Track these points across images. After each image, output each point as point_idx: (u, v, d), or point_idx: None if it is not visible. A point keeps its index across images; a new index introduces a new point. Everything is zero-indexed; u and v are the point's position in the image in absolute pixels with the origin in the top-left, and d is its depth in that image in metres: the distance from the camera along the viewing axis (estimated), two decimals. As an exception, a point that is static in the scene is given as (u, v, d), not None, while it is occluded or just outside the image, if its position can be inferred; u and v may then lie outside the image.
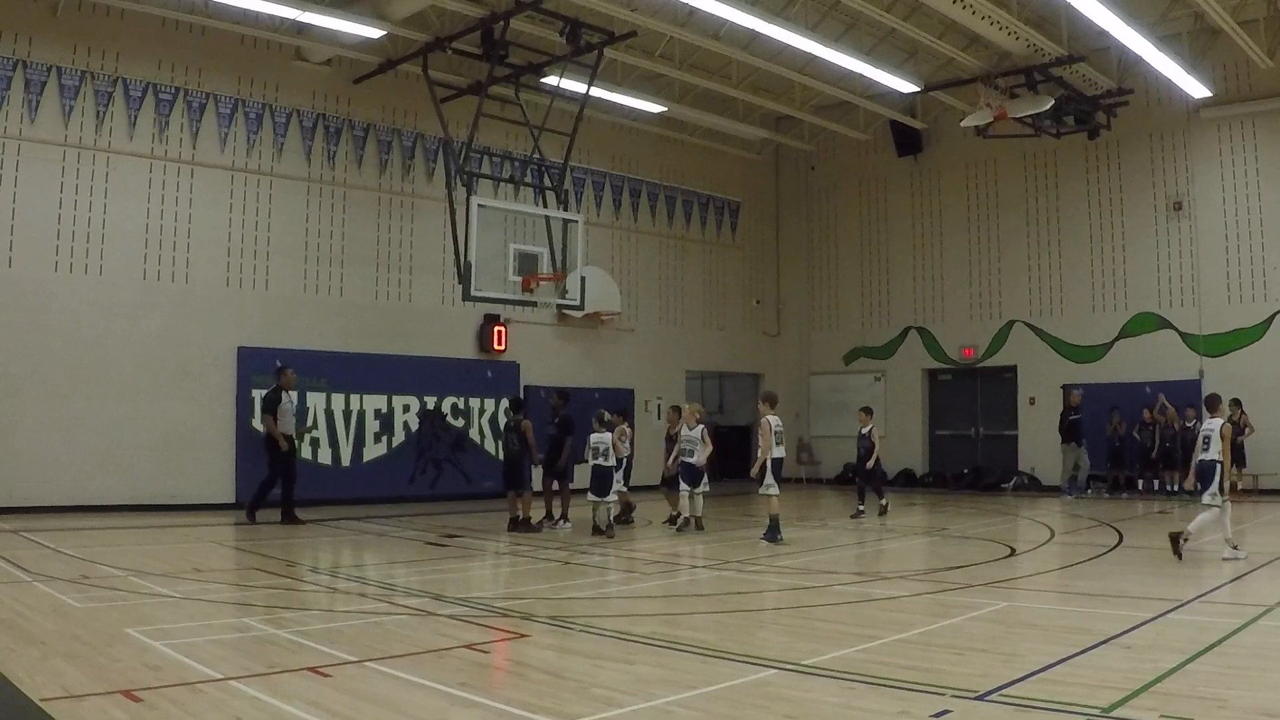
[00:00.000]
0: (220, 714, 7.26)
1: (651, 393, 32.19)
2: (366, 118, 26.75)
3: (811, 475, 35.30)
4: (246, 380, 24.11)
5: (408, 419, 26.90)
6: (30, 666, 8.50)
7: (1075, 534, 19.86)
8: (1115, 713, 7.19)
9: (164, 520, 20.91)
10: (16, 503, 21.16)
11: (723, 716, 7.38)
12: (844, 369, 35.57)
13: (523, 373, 29.09)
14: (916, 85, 28.01)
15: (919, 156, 33.76)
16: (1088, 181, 30.57)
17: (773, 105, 31.15)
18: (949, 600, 12.30)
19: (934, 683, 8.07)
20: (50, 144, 22.18)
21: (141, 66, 23.33)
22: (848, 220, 36.02)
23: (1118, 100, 27.84)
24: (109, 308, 22.71)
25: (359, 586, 13.80)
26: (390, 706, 7.55)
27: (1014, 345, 31.94)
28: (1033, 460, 31.08)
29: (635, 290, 32.44)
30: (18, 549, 16.14)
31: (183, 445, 23.01)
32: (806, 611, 11.80)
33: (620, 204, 32.36)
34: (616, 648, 9.73)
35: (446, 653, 9.45)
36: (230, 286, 24.44)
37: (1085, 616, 11.18)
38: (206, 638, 10.02)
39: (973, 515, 23.78)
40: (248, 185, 24.78)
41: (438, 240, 26.74)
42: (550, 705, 7.57)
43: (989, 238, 32.65)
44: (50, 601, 11.72)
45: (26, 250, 21.83)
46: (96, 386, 22.38)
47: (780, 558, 16.43)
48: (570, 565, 15.70)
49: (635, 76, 28.40)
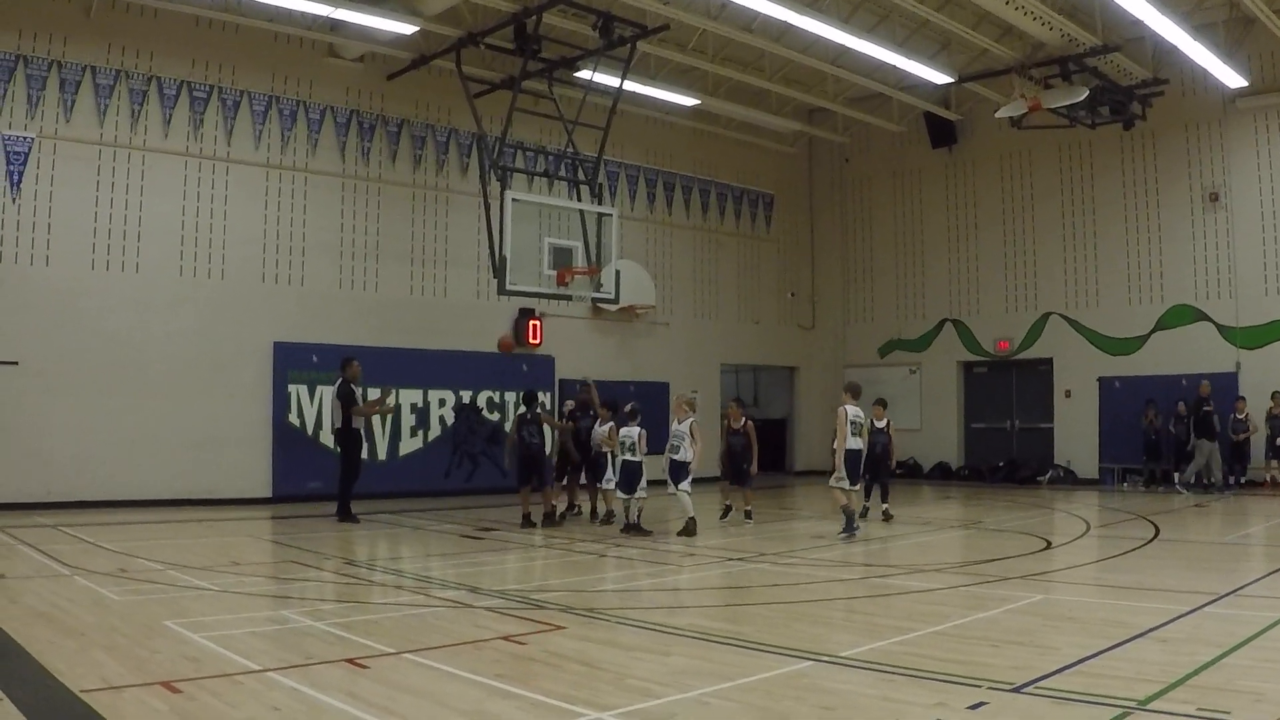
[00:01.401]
0: (259, 704, 7.31)
1: (686, 386, 32.03)
2: (400, 113, 26.81)
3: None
4: (282, 375, 24.25)
5: (443, 413, 26.96)
6: (70, 658, 8.56)
7: (1111, 527, 19.78)
8: (1151, 706, 7.16)
9: (201, 514, 21.04)
10: (55, 498, 21.31)
11: (759, 708, 7.37)
12: (879, 362, 35.45)
13: (558, 366, 29.11)
14: (950, 76, 27.88)
15: (953, 148, 33.61)
16: (1123, 172, 30.36)
17: (806, 97, 31.04)
18: (985, 593, 12.28)
19: (970, 675, 8.07)
20: (86, 143, 22.32)
21: (175, 65, 23.44)
22: (882, 212, 35.91)
23: (1153, 90, 27.63)
24: (145, 305, 22.84)
25: (396, 579, 13.87)
26: (427, 697, 7.58)
27: (1050, 337, 31.77)
28: (1068, 453, 30.95)
29: (670, 283, 32.43)
30: (56, 543, 16.25)
31: (219, 440, 23.11)
32: (843, 604, 11.81)
33: (654, 197, 32.35)
34: (652, 639, 9.74)
35: (483, 644, 9.47)
36: (266, 282, 24.55)
37: (1122, 610, 11.12)
38: (244, 630, 10.07)
39: (1008, 508, 23.71)
40: (282, 182, 24.88)
41: (472, 235, 26.76)
42: (586, 696, 7.59)
43: (1024, 230, 32.48)
44: (89, 595, 11.80)
45: (63, 248, 21.97)
46: (133, 383, 22.51)
47: (816, 550, 16.42)
48: (606, 558, 15.73)
49: (668, 70, 28.38)
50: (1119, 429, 29.27)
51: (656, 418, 25.29)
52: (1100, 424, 30.04)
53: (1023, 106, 26.52)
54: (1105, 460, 29.83)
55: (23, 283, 21.45)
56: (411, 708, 7.29)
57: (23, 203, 21.55)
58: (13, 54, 21.53)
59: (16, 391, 21.16)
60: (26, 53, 21.67)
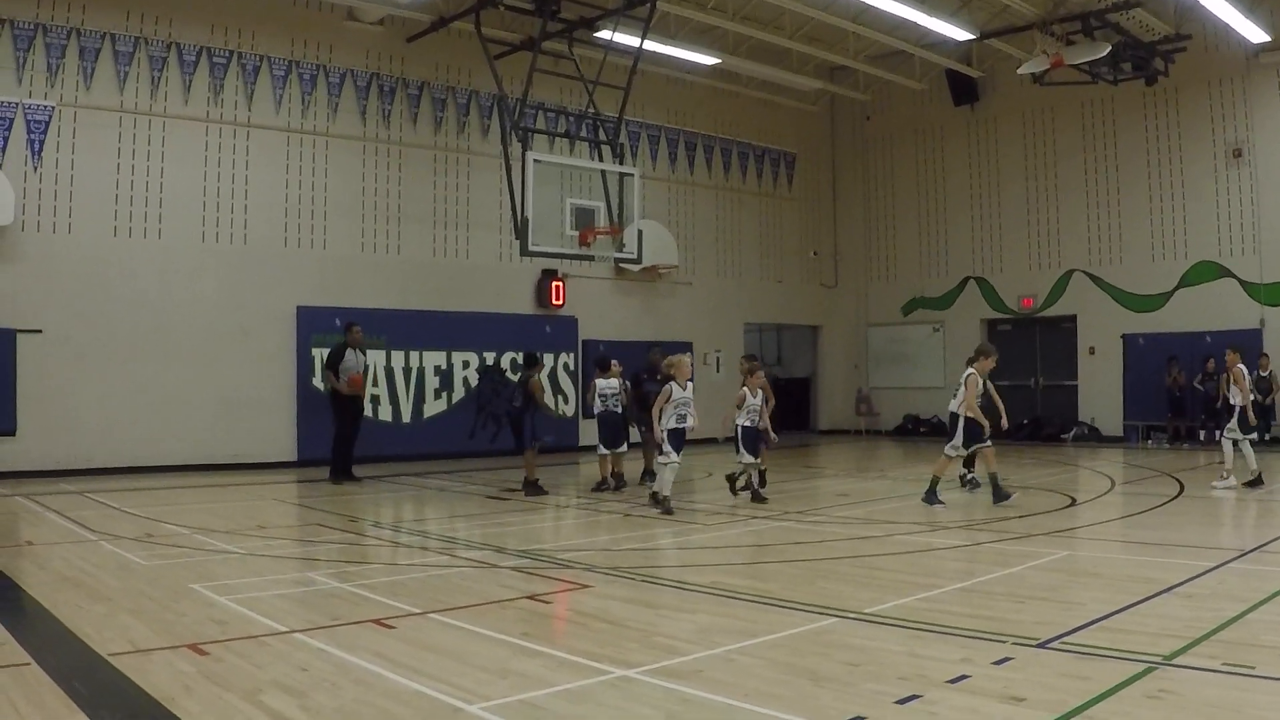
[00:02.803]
0: (286, 665, 7.35)
1: (710, 345, 32.15)
2: (420, 76, 26.77)
3: (871, 427, 35.20)
4: (306, 339, 24.29)
5: (467, 375, 27.00)
6: (98, 623, 8.62)
7: (1136, 484, 19.75)
8: (1176, 661, 7.18)
9: (226, 479, 21.12)
10: (80, 464, 21.46)
11: (785, 664, 7.38)
12: (902, 320, 35.38)
13: (581, 327, 29.13)
14: (971, 33, 27.72)
15: (975, 105, 33.41)
16: (1146, 129, 30.15)
17: (827, 55, 30.84)
18: (1010, 549, 12.27)
19: (995, 631, 8.08)
20: (106, 110, 22.34)
21: (194, 31, 23.42)
22: (904, 170, 35.76)
23: (1175, 46, 27.41)
24: (168, 271, 22.90)
25: (421, 540, 13.91)
26: (453, 656, 7.61)
27: (1073, 295, 31.63)
28: (1092, 410, 30.87)
29: (692, 243, 32.38)
30: (83, 509, 16.35)
31: (243, 405, 23.19)
32: (867, 561, 11.79)
33: (676, 157, 32.26)
34: (678, 597, 9.78)
35: (508, 604, 9.51)
36: (288, 247, 24.58)
37: (1146, 565, 11.13)
38: (271, 592, 10.14)
39: (1033, 466, 23.67)
40: (303, 146, 24.88)
41: (494, 196, 26.80)
42: (612, 654, 7.60)
43: (1047, 187, 32.31)
44: (116, 560, 11.88)
45: (85, 216, 22.04)
46: (157, 349, 22.59)
47: (841, 508, 16.44)
48: (631, 517, 15.74)
49: (689, 29, 28.23)
50: (1143, 386, 29.19)
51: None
52: (1124, 381, 29.92)
53: (1045, 63, 26.37)
54: (1130, 417, 29.73)
55: (45, 251, 21.52)
56: (438, 667, 7.32)
57: (44, 171, 21.59)
58: (32, 23, 21.52)
59: (41, 359, 21.26)
60: (45, 21, 21.66)
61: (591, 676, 7.08)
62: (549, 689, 6.80)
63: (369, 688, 6.86)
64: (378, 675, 7.11)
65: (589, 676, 7.08)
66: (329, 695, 6.70)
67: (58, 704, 6.49)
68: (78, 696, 6.61)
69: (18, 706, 6.42)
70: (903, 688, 6.70)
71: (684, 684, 6.84)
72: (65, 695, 6.64)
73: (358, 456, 21.83)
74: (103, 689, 6.89)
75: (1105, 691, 6.51)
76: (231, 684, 6.91)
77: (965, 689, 6.68)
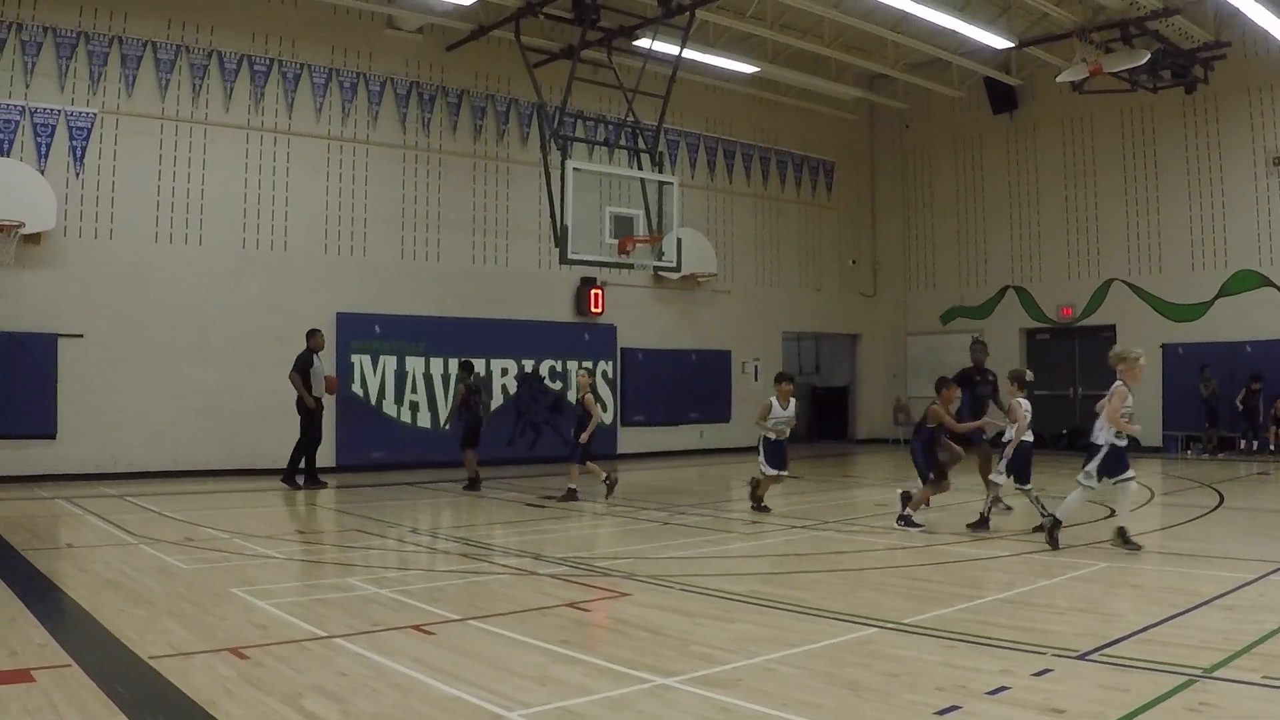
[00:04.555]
0: (326, 670, 7.37)
1: (748, 354, 32.16)
2: (460, 84, 26.85)
3: (909, 436, 34.99)
4: (345, 346, 24.42)
5: (505, 382, 27.03)
6: (139, 626, 8.66)
7: (1175, 495, 19.64)
8: (1217, 674, 7.12)
9: (265, 484, 21.17)
10: (121, 468, 21.65)
11: (824, 674, 7.37)
12: (941, 329, 35.25)
13: (620, 335, 29.15)
14: (1010, 41, 27.62)
15: (1014, 114, 33.29)
16: (1185, 137, 29.99)
17: (866, 64, 30.78)
18: (1049, 560, 12.20)
19: (1035, 642, 8.04)
20: (148, 117, 22.52)
21: (235, 39, 23.60)
22: (943, 179, 35.67)
23: (1214, 53, 27.28)
24: (208, 277, 23.04)
25: (459, 547, 13.92)
26: (493, 663, 7.61)
27: (1112, 304, 31.45)
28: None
29: (731, 251, 32.37)
30: (123, 513, 16.44)
31: (282, 410, 23.15)
32: (906, 571, 11.77)
33: (715, 165, 32.27)
34: (716, 606, 9.75)
35: (548, 611, 9.51)
36: (328, 254, 24.69)
37: (1186, 577, 11.04)
38: (310, 597, 10.18)
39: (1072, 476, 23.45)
40: (343, 153, 25.00)
41: (533, 204, 26.87)
42: (651, 662, 7.60)
43: (1086, 195, 32.16)
44: (156, 563, 11.93)
45: (126, 222, 22.22)
46: (197, 354, 22.75)
47: (879, 518, 16.37)
48: (669, 526, 15.73)
49: (727, 37, 28.21)
50: (1182, 396, 28.97)
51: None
52: (1164, 391, 29.71)
53: (1084, 71, 26.30)
54: (1169, 427, 29.52)
55: (87, 257, 21.69)
56: (477, 673, 7.32)
57: (86, 178, 21.79)
58: (74, 30, 21.71)
59: (82, 363, 21.44)
60: (88, 29, 21.86)
61: (630, 685, 7.07)
62: (588, 696, 6.80)
63: (408, 693, 6.87)
64: (417, 681, 7.13)
65: (628, 685, 7.07)
66: (369, 700, 6.72)
67: (99, 706, 6.53)
68: (119, 699, 6.65)
69: (59, 708, 6.46)
70: (942, 699, 6.68)
71: (723, 693, 6.83)
72: (106, 698, 6.68)
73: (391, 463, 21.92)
74: (144, 692, 6.92)
75: (1145, 704, 6.47)
76: (272, 688, 6.94)
77: (1005, 700, 6.65)
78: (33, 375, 20.93)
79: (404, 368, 24.92)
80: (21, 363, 20.80)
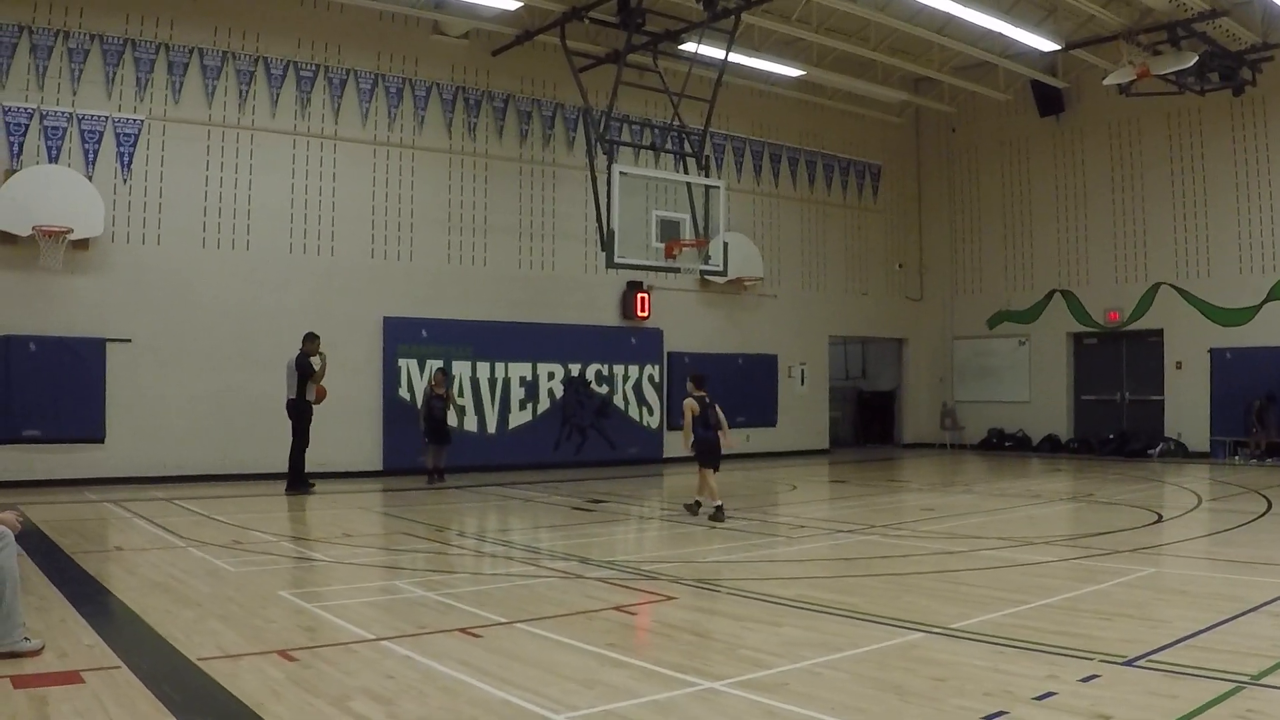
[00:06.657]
0: (373, 673, 7.41)
1: (794, 358, 32.10)
2: (506, 89, 26.89)
3: (955, 441, 34.96)
4: (392, 350, 24.48)
5: (552, 386, 27.06)
6: (187, 628, 8.73)
7: (1223, 501, 19.48)
8: (1265, 680, 7.09)
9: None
10: (169, 472, 21.77)
11: (871, 678, 7.36)
12: (988, 333, 35.08)
13: (666, 339, 29.14)
14: (1057, 44, 27.44)
15: (1061, 116, 33.07)
16: (1233, 139, 29.69)
17: (912, 67, 30.69)
18: (1096, 566, 12.14)
19: (1082, 648, 8.01)
20: (194, 124, 22.64)
21: (281, 45, 23.71)
22: (990, 182, 35.47)
23: (1263, 55, 26.98)
24: (255, 282, 23.15)
25: (506, 550, 13.96)
26: (540, 666, 7.64)
27: (1160, 308, 31.18)
28: (1179, 426, 30.36)
29: (777, 255, 32.31)
30: (171, 516, 16.55)
31: (330, 414, 23.25)
32: (953, 576, 11.72)
33: (761, 169, 32.22)
34: (763, 610, 9.74)
35: (594, 614, 9.53)
36: (375, 258, 24.77)
37: (1233, 583, 10.99)
38: (358, 600, 10.22)
39: (1118, 481, 23.42)
40: (390, 158, 25.08)
41: (579, 209, 26.93)
42: (698, 666, 7.61)
43: (1133, 199, 31.89)
44: (204, 566, 12.01)
45: (174, 227, 22.34)
46: (244, 358, 22.83)
47: (926, 522, 16.33)
48: (716, 530, 15.71)
49: (773, 41, 28.17)
50: (1230, 401, 28.75)
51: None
52: (1212, 396, 29.48)
53: (1131, 73, 26.09)
54: (1217, 433, 29.24)
55: (135, 262, 21.84)
56: (524, 676, 7.35)
57: (133, 183, 21.93)
58: (121, 38, 21.88)
59: (130, 367, 21.58)
60: (135, 36, 22.02)
61: (677, 688, 7.08)
62: (635, 700, 6.81)
63: (456, 696, 6.90)
64: (464, 684, 7.16)
65: (675, 688, 7.08)
66: (416, 703, 6.74)
67: (149, 708, 6.58)
68: (168, 701, 6.70)
69: (109, 710, 6.52)
70: (989, 704, 6.66)
71: (769, 697, 6.83)
72: (155, 699, 6.73)
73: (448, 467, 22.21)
74: (193, 693, 6.98)
75: (1193, 711, 6.45)
76: (320, 690, 6.98)
77: (1052, 706, 6.63)
78: (81, 380, 21.08)
79: (451, 372, 24.96)
80: (71, 367, 20.96)
